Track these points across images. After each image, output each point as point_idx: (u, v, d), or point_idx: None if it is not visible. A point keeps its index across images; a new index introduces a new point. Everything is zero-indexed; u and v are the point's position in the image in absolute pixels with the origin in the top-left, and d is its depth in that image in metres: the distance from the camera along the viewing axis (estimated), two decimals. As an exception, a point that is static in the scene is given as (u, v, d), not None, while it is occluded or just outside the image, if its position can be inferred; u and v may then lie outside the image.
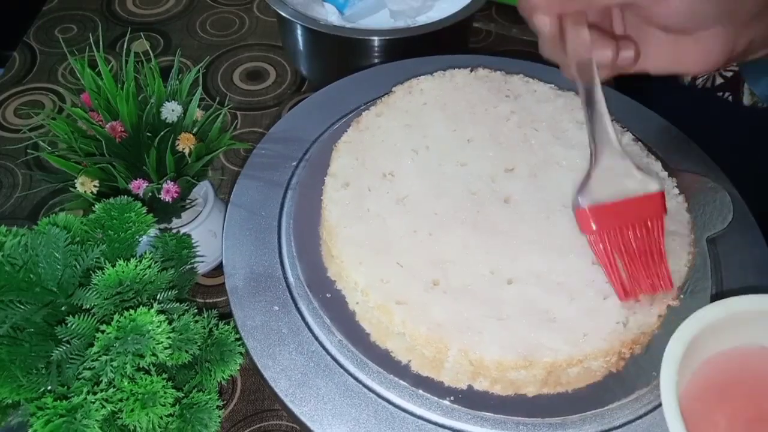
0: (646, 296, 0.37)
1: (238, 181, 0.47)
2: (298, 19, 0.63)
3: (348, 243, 0.40)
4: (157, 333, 0.35)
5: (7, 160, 0.67)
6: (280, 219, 0.45)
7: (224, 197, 0.60)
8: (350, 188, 0.42)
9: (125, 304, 0.38)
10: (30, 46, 0.79)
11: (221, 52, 0.79)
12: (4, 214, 0.63)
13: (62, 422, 0.33)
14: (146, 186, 0.46)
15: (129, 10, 0.85)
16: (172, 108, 0.48)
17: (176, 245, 0.45)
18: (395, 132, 0.46)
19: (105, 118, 0.47)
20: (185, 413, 0.39)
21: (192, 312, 0.40)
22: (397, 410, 0.37)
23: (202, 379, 0.42)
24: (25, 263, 0.37)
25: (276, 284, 0.42)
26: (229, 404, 0.50)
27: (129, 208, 0.42)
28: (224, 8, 0.86)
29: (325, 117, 0.51)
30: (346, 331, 0.39)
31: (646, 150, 0.45)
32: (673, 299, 0.37)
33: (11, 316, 0.36)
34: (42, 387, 0.36)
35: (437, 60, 0.56)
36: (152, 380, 0.36)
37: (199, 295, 0.57)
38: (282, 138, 0.50)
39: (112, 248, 0.41)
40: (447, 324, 0.36)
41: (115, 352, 0.35)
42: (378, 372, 0.38)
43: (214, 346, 0.42)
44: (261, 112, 0.73)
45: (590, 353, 0.36)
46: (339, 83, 0.54)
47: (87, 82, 0.48)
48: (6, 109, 0.72)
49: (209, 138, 0.50)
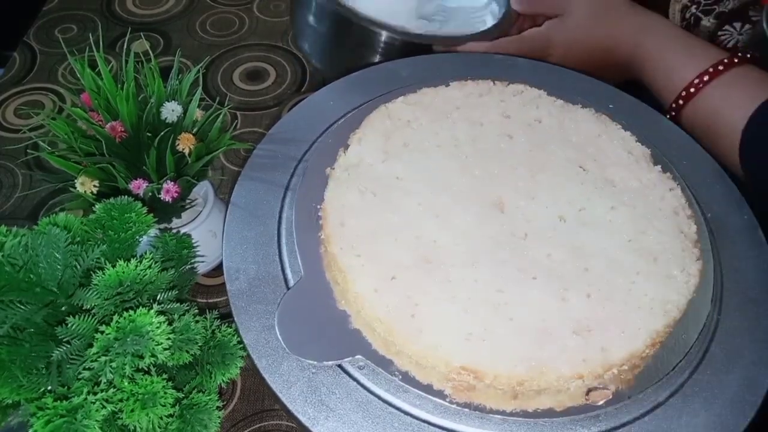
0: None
1: (238, 181, 0.47)
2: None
3: (348, 246, 0.40)
4: (156, 334, 0.35)
5: (7, 160, 0.67)
6: (280, 219, 0.45)
7: (224, 197, 0.60)
8: (353, 190, 0.43)
9: (125, 304, 0.38)
10: (30, 46, 0.79)
11: (221, 52, 0.79)
12: (4, 214, 0.63)
13: (62, 422, 0.33)
14: (146, 186, 0.46)
15: (129, 10, 0.85)
16: (172, 108, 0.48)
17: (176, 245, 0.45)
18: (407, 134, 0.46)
19: (105, 118, 0.47)
20: (185, 414, 0.39)
21: (192, 312, 0.40)
22: (398, 412, 0.37)
23: (203, 380, 0.42)
24: (26, 263, 0.37)
25: (276, 285, 0.42)
26: (229, 404, 0.50)
27: (129, 208, 0.41)
28: (224, 8, 0.86)
29: (325, 117, 0.51)
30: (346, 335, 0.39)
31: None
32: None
33: (11, 316, 0.36)
34: (42, 387, 0.36)
35: (438, 60, 0.56)
36: (152, 381, 0.36)
37: (199, 295, 0.57)
38: (282, 138, 0.50)
39: (112, 248, 0.40)
40: (445, 341, 0.36)
41: (114, 352, 0.35)
42: (379, 374, 0.38)
43: (215, 348, 0.42)
44: (261, 112, 0.73)
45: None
46: (339, 83, 0.54)
47: (87, 82, 0.48)
48: (6, 109, 0.72)
49: (209, 138, 0.50)
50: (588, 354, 0.36)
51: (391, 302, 0.38)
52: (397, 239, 0.40)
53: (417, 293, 0.38)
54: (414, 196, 0.43)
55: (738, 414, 0.37)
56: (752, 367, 0.39)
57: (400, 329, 0.37)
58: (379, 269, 0.39)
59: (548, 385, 0.36)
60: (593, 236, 0.41)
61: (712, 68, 0.53)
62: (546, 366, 0.36)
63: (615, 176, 0.45)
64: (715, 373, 0.39)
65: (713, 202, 0.47)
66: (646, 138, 0.48)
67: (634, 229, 0.42)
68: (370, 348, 0.38)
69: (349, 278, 0.38)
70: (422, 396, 0.37)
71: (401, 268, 0.39)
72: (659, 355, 0.38)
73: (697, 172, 0.49)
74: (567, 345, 0.37)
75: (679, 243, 0.42)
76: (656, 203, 0.44)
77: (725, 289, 0.43)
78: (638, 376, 0.37)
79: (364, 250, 0.40)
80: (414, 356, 0.36)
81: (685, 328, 0.39)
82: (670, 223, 0.43)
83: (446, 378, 0.36)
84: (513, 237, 0.41)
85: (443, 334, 0.37)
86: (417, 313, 0.37)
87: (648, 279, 0.40)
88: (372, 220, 0.41)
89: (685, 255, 0.41)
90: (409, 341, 0.36)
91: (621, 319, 0.38)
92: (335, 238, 0.40)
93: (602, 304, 0.38)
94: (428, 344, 0.36)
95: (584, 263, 0.40)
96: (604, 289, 0.39)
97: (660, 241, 0.42)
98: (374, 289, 0.38)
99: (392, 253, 0.40)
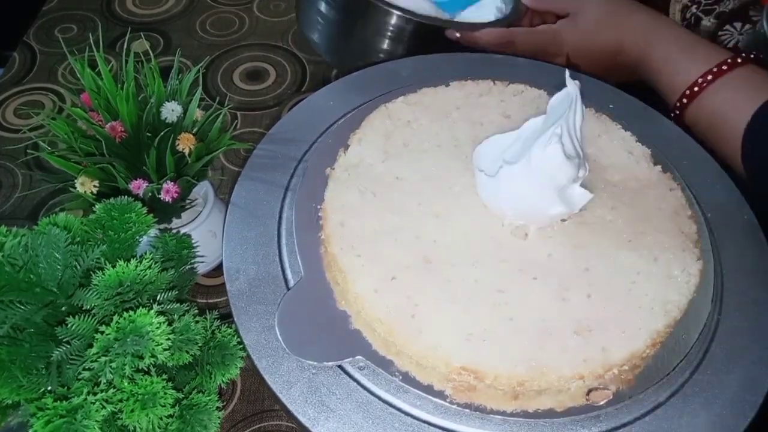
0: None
1: (238, 181, 0.47)
2: None
3: (348, 247, 0.40)
4: (156, 334, 0.35)
5: (7, 160, 0.67)
6: (280, 219, 0.45)
7: (224, 197, 0.60)
8: (353, 190, 0.42)
9: (125, 304, 0.38)
10: (30, 46, 0.79)
11: (221, 52, 0.79)
12: (4, 214, 0.63)
13: (62, 423, 0.33)
14: (146, 186, 0.46)
15: (129, 10, 0.85)
16: (172, 108, 0.48)
17: (176, 245, 0.45)
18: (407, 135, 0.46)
19: (105, 118, 0.47)
20: (185, 414, 0.39)
21: (192, 312, 0.40)
22: (398, 412, 0.37)
23: (203, 380, 0.42)
24: (26, 263, 0.37)
25: (276, 285, 0.42)
26: (229, 404, 0.50)
27: (129, 209, 0.41)
28: (224, 8, 0.86)
29: (325, 117, 0.51)
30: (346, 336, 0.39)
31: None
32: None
33: (11, 317, 0.36)
34: (42, 387, 0.36)
35: (438, 60, 0.56)
36: (152, 381, 0.36)
37: (199, 296, 0.57)
38: (282, 138, 0.50)
39: (112, 248, 0.40)
40: (445, 342, 0.36)
41: (114, 353, 0.35)
42: (379, 374, 0.38)
43: (215, 348, 0.42)
44: (261, 112, 0.73)
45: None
46: (339, 83, 0.54)
47: (87, 82, 0.48)
48: (6, 109, 0.72)
49: (209, 138, 0.50)
50: (588, 354, 0.36)
51: (391, 302, 0.38)
52: (397, 239, 0.40)
53: (417, 293, 0.38)
54: (414, 196, 0.43)
55: (738, 414, 0.37)
56: (752, 366, 0.39)
57: (400, 329, 0.37)
58: (379, 269, 0.39)
59: (549, 385, 0.36)
60: (593, 236, 0.41)
61: (716, 68, 0.53)
62: (546, 366, 0.36)
63: (615, 176, 0.45)
64: (715, 373, 0.39)
65: (713, 202, 0.47)
66: (647, 138, 0.48)
67: (635, 229, 0.42)
68: (371, 348, 0.38)
69: (349, 278, 0.38)
70: (423, 396, 0.37)
71: (401, 268, 0.39)
72: (660, 355, 0.38)
73: (697, 172, 0.49)
74: (567, 345, 0.37)
75: (679, 243, 0.42)
76: (656, 203, 0.44)
77: (725, 289, 0.43)
78: (639, 376, 0.37)
79: (364, 251, 0.40)
80: (414, 357, 0.36)
81: (686, 328, 0.39)
82: (671, 223, 0.43)
83: (447, 378, 0.36)
84: (513, 237, 0.41)
85: (443, 334, 0.37)
86: (417, 313, 0.37)
87: (648, 279, 0.40)
88: (372, 220, 0.41)
89: (685, 255, 0.41)
90: (410, 341, 0.36)
91: (621, 319, 0.38)
92: (335, 238, 0.40)
93: (603, 304, 0.38)
94: (428, 344, 0.36)
95: (584, 263, 0.40)
96: (605, 289, 0.39)
97: (660, 241, 0.42)
98: (374, 289, 0.38)
99: (392, 254, 0.40)
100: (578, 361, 0.36)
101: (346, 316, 0.39)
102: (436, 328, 0.37)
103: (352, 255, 0.39)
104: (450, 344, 0.36)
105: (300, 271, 0.41)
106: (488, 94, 0.50)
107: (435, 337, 0.36)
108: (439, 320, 0.37)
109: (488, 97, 0.50)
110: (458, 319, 0.37)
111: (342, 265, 0.39)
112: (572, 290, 0.39)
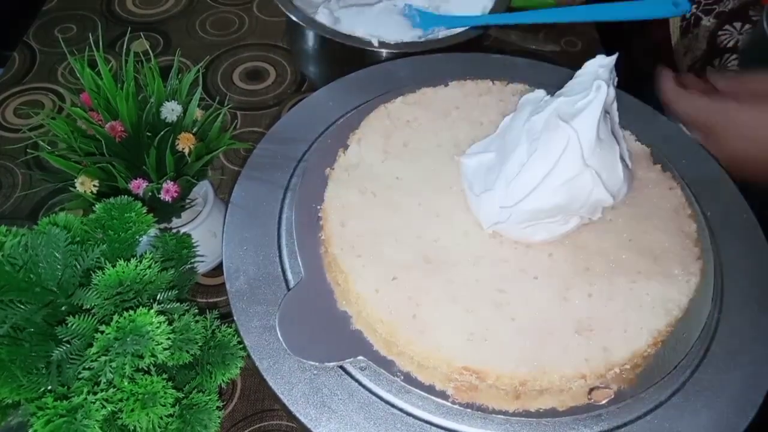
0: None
1: (238, 181, 0.47)
2: (309, 26, 0.63)
3: (349, 247, 0.39)
4: (156, 334, 0.35)
5: (7, 160, 0.67)
6: (280, 219, 0.45)
7: (224, 197, 0.60)
8: (353, 190, 0.42)
9: (125, 304, 0.38)
10: (30, 46, 0.79)
11: (221, 51, 0.79)
12: (4, 214, 0.63)
13: (62, 422, 0.33)
14: (146, 186, 0.46)
15: (129, 10, 0.84)
16: (172, 108, 0.47)
17: (176, 245, 0.45)
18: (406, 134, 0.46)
19: (105, 117, 0.47)
20: (185, 414, 0.39)
21: (192, 312, 0.40)
22: (400, 413, 0.37)
23: (203, 380, 0.42)
24: (25, 263, 0.37)
25: (276, 286, 0.42)
26: (229, 404, 0.50)
27: (129, 208, 0.41)
28: (224, 8, 0.85)
29: (325, 117, 0.51)
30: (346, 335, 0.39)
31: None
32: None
33: (11, 316, 0.36)
34: (42, 387, 0.36)
35: (437, 59, 0.56)
36: (152, 380, 0.36)
37: (199, 295, 0.57)
38: (282, 138, 0.50)
39: (112, 248, 0.40)
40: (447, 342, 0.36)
41: (114, 352, 0.35)
42: (381, 375, 0.38)
43: (215, 348, 0.42)
44: (261, 112, 0.73)
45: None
46: (339, 83, 0.54)
47: (87, 82, 0.47)
48: (6, 109, 0.72)
49: (209, 138, 0.50)
50: (590, 353, 0.36)
51: (392, 303, 0.37)
52: (397, 239, 0.40)
53: (418, 293, 0.38)
54: (414, 196, 0.43)
55: (739, 413, 0.37)
56: (753, 366, 0.39)
57: (401, 330, 0.37)
58: (379, 270, 0.39)
59: (550, 384, 0.36)
60: (594, 235, 0.41)
61: None
62: (548, 366, 0.36)
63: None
64: (716, 372, 0.39)
65: (713, 201, 0.47)
66: (646, 137, 0.48)
67: (635, 228, 0.42)
68: (372, 349, 0.38)
69: (350, 279, 0.38)
70: (424, 397, 0.37)
71: (402, 268, 0.39)
72: (661, 354, 0.38)
73: (697, 171, 0.49)
74: (569, 345, 0.37)
75: (679, 242, 0.42)
76: (656, 202, 0.44)
77: (726, 288, 0.43)
78: (640, 375, 0.37)
79: (364, 251, 0.40)
80: (416, 357, 0.36)
81: (687, 327, 0.39)
82: (671, 222, 0.43)
83: (448, 378, 0.36)
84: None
85: (445, 334, 0.37)
86: (418, 313, 0.37)
87: (649, 278, 0.40)
88: (372, 221, 0.41)
89: (685, 254, 0.41)
90: (411, 342, 0.36)
91: (623, 319, 0.38)
92: (336, 238, 0.40)
93: (604, 304, 0.38)
94: (430, 345, 0.36)
95: (585, 263, 0.40)
96: (606, 289, 0.39)
97: (660, 240, 0.42)
98: (375, 289, 0.38)
99: (393, 254, 0.40)
100: (580, 361, 0.36)
101: (347, 317, 0.39)
102: (437, 329, 0.37)
103: (353, 255, 0.39)
104: (452, 344, 0.36)
105: (300, 272, 0.41)
106: (487, 93, 0.50)
107: (437, 337, 0.36)
108: (441, 320, 0.37)
109: (487, 96, 0.50)
110: (460, 319, 0.37)
111: (342, 265, 0.39)
112: (573, 290, 0.39)
